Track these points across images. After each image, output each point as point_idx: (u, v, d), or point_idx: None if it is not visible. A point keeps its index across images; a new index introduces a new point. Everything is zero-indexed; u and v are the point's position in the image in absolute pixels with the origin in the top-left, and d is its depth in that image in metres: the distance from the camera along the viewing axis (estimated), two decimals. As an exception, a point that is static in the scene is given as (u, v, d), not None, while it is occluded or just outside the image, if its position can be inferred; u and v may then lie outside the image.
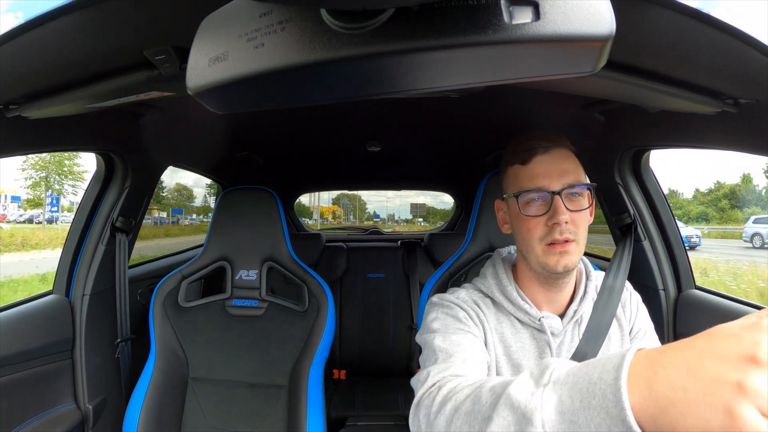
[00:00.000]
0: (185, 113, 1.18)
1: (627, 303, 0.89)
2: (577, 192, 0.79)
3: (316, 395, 1.25)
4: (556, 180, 0.78)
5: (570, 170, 0.79)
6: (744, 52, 0.53)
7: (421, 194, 12.16)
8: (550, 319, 0.82)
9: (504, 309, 0.85)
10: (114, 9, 0.53)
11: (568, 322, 0.83)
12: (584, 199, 0.79)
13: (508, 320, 0.85)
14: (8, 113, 0.79)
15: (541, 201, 0.79)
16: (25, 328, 1.13)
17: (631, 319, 0.88)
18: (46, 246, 9.14)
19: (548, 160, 0.80)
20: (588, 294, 0.85)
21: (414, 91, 0.36)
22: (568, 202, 0.78)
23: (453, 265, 1.14)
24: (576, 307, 0.84)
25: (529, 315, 0.82)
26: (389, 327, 2.22)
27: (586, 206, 0.79)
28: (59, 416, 1.18)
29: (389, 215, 21.83)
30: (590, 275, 0.89)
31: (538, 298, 0.85)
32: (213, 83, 0.36)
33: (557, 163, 0.79)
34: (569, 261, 0.77)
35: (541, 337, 0.83)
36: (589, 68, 0.33)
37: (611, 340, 0.85)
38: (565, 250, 0.77)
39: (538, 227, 0.79)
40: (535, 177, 0.80)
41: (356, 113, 1.35)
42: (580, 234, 0.78)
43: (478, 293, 0.88)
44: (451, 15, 0.30)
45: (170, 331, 1.33)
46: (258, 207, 1.40)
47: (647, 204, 1.30)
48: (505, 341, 0.83)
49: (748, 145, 0.86)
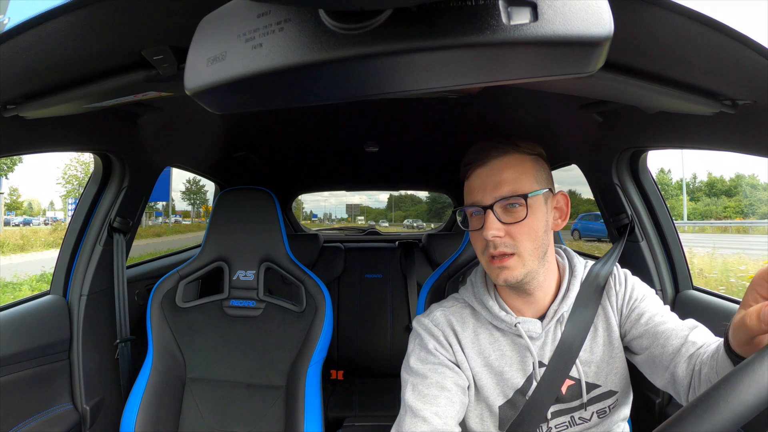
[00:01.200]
0: (183, 113, 1.17)
1: (614, 284, 0.87)
2: (513, 203, 0.77)
3: (314, 396, 1.25)
4: (489, 193, 0.78)
5: (506, 181, 0.78)
6: (742, 53, 0.53)
7: (357, 194, 12.91)
8: (528, 323, 0.82)
9: (482, 318, 0.86)
10: (112, 9, 0.52)
11: (548, 322, 0.83)
12: (522, 210, 0.77)
13: (487, 330, 0.85)
14: (6, 113, 0.79)
15: (477, 215, 0.80)
16: (23, 329, 1.12)
17: (622, 297, 0.85)
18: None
19: (484, 173, 0.80)
20: (571, 291, 0.84)
21: (412, 91, 0.36)
22: (504, 214, 0.77)
23: (451, 265, 1.14)
24: (557, 306, 0.83)
25: (505, 322, 0.82)
26: (387, 327, 2.22)
27: (521, 217, 0.77)
28: (56, 417, 1.18)
29: (326, 214, 22.57)
30: (575, 271, 0.87)
31: (515, 303, 0.85)
32: (211, 83, 0.36)
33: (492, 175, 0.79)
34: (509, 275, 0.77)
35: (521, 342, 0.82)
36: (588, 69, 0.33)
37: (598, 331, 0.84)
38: (503, 265, 0.77)
39: (478, 241, 0.81)
40: (472, 191, 0.81)
41: (354, 114, 1.35)
42: (521, 246, 0.77)
43: (458, 306, 0.89)
44: (449, 15, 0.30)
45: (167, 332, 1.32)
46: (256, 207, 1.40)
47: (644, 204, 1.31)
48: (483, 353, 0.83)
49: (745, 146, 0.86)
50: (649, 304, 0.83)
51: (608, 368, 0.83)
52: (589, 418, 0.83)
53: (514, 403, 0.81)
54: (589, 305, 0.84)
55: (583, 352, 0.82)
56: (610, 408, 0.83)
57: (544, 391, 0.80)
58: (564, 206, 0.85)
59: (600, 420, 0.83)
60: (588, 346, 0.83)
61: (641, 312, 0.82)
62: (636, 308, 0.83)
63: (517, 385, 0.81)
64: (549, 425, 0.81)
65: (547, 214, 0.81)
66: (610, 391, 0.83)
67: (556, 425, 0.82)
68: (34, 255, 10.84)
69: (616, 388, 0.83)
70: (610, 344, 0.83)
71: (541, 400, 0.79)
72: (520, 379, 0.82)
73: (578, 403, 0.82)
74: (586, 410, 0.82)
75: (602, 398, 0.83)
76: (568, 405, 0.82)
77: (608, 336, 0.84)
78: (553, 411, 0.81)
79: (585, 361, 0.82)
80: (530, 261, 0.78)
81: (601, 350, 0.83)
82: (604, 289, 0.86)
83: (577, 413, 0.82)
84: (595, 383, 0.83)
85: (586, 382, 0.82)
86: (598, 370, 0.83)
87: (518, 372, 0.82)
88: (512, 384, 0.81)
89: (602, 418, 0.83)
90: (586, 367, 0.82)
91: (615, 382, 0.83)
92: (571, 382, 0.82)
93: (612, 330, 0.84)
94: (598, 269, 0.89)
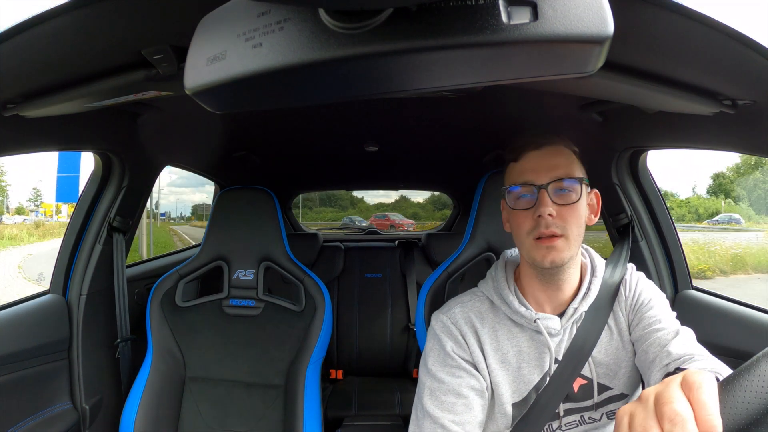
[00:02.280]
0: (183, 113, 1.17)
1: (624, 290, 0.88)
2: (566, 187, 0.79)
3: (313, 395, 1.25)
4: (544, 174, 0.79)
5: (560, 165, 0.80)
6: (742, 53, 0.53)
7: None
8: (547, 320, 0.82)
9: (501, 313, 0.86)
10: (112, 8, 0.53)
11: (567, 320, 0.83)
12: (574, 194, 0.79)
13: (505, 325, 0.85)
14: (6, 112, 0.79)
15: (529, 195, 0.80)
16: (22, 328, 1.12)
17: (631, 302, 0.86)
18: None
19: (538, 155, 0.81)
20: (591, 291, 0.84)
21: (412, 91, 0.36)
22: (556, 196, 0.78)
23: (451, 265, 1.14)
24: (577, 305, 0.83)
25: (524, 318, 0.82)
26: (386, 327, 2.22)
27: (574, 200, 0.78)
28: (55, 416, 1.18)
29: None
30: (596, 271, 0.87)
31: (538, 296, 0.85)
32: (211, 83, 0.36)
33: (547, 159, 0.81)
34: (556, 256, 0.77)
35: (539, 339, 0.83)
36: (588, 69, 0.33)
37: (612, 334, 0.85)
38: (552, 245, 0.77)
39: (526, 221, 0.80)
40: (524, 172, 0.81)
41: (354, 113, 1.35)
42: (570, 229, 0.78)
43: (477, 301, 0.89)
44: (449, 15, 0.30)
45: (167, 331, 1.32)
46: (255, 207, 1.40)
47: (644, 204, 1.31)
48: (501, 349, 0.83)
49: (745, 145, 0.86)
50: (650, 309, 0.83)
51: (620, 371, 0.83)
52: (599, 418, 0.83)
53: (528, 400, 0.82)
54: (603, 306, 0.85)
55: (597, 352, 0.82)
56: None
57: (555, 387, 0.80)
58: (596, 204, 0.87)
59: (609, 421, 0.83)
60: (602, 348, 0.83)
61: (641, 317, 0.82)
62: (639, 312, 0.84)
63: (533, 382, 0.82)
64: (561, 423, 0.82)
65: (586, 206, 0.83)
66: (622, 393, 0.83)
67: (566, 423, 0.82)
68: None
69: (627, 391, 0.83)
70: (623, 347, 0.84)
71: (551, 396, 0.80)
72: (536, 376, 0.82)
73: (590, 403, 0.82)
74: (596, 411, 0.83)
75: (613, 400, 0.83)
76: (579, 404, 0.82)
77: (621, 339, 0.84)
78: (566, 409, 0.82)
79: (598, 362, 0.83)
80: (575, 245, 0.79)
81: (615, 353, 0.83)
82: (618, 290, 0.87)
83: (587, 413, 0.83)
84: (607, 385, 0.83)
85: (598, 383, 0.82)
86: (611, 372, 0.83)
87: (535, 369, 0.82)
88: (528, 380, 0.82)
89: (612, 419, 0.83)
90: (599, 368, 0.83)
91: (627, 384, 0.83)
92: (583, 382, 0.82)
93: (623, 333, 0.84)
94: (611, 271, 0.90)
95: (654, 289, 0.88)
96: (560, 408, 0.81)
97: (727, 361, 0.70)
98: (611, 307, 0.85)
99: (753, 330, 1.04)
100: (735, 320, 1.09)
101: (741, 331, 1.06)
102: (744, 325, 1.07)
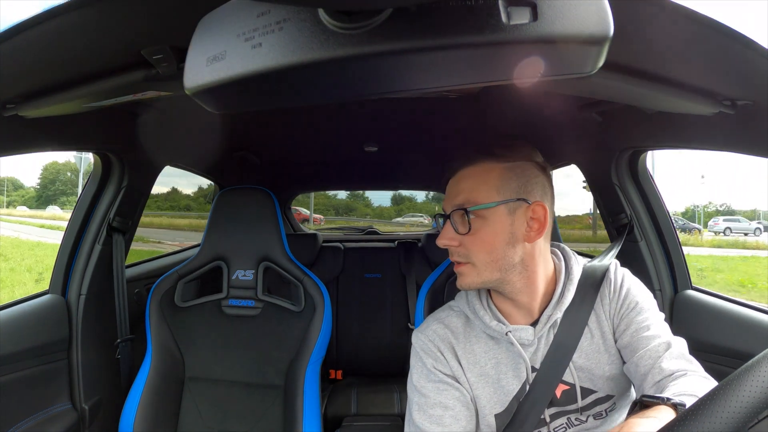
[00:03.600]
0: (183, 113, 1.17)
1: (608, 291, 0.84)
2: (471, 213, 0.77)
3: (313, 395, 1.24)
4: (449, 202, 0.81)
5: (462, 191, 0.79)
6: (742, 53, 0.53)
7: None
8: (519, 331, 0.81)
9: (476, 326, 0.86)
10: (112, 8, 0.52)
11: (542, 328, 0.81)
12: (479, 219, 0.77)
13: (481, 339, 0.85)
14: (5, 112, 0.78)
15: (442, 223, 0.83)
16: (21, 328, 1.12)
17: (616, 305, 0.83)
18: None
19: (452, 182, 0.83)
20: (566, 296, 0.82)
21: (411, 91, 0.36)
22: (460, 224, 0.79)
23: (450, 265, 1.14)
24: (550, 312, 0.81)
25: (496, 331, 0.82)
26: (386, 327, 2.22)
27: (477, 227, 0.77)
28: (55, 416, 1.18)
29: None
30: (571, 273, 0.84)
31: (508, 309, 0.85)
32: (210, 83, 0.36)
33: (453, 185, 0.82)
34: (462, 282, 0.80)
35: (514, 350, 0.82)
36: (587, 69, 0.33)
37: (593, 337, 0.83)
38: (459, 271, 0.81)
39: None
40: (444, 200, 0.84)
41: (353, 113, 1.35)
42: (474, 257, 0.78)
43: (453, 316, 0.89)
44: (448, 15, 0.30)
45: (166, 331, 1.32)
46: (255, 207, 1.40)
47: (644, 204, 1.31)
48: (479, 363, 0.83)
49: (744, 146, 0.86)
50: (639, 314, 0.81)
51: (604, 374, 0.82)
52: (586, 420, 0.82)
53: (510, 410, 0.81)
54: (583, 306, 0.82)
55: (578, 357, 0.81)
56: (608, 411, 0.82)
57: (536, 395, 0.79)
58: (542, 217, 0.79)
59: (597, 422, 0.83)
60: (583, 352, 0.82)
61: (629, 322, 0.80)
62: (625, 317, 0.81)
63: (513, 392, 0.81)
64: (549, 428, 0.81)
65: (512, 226, 0.78)
66: (607, 395, 0.82)
67: (554, 428, 0.82)
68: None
69: (612, 392, 0.82)
70: (606, 350, 0.82)
71: (533, 405, 0.79)
72: (516, 385, 0.81)
73: (574, 407, 0.82)
74: (582, 414, 0.82)
75: (599, 402, 0.82)
76: (563, 408, 0.82)
77: (603, 342, 0.82)
78: (551, 414, 0.81)
79: (579, 367, 0.81)
80: (486, 272, 0.78)
81: (596, 356, 0.82)
82: (598, 290, 0.84)
83: (573, 416, 0.82)
84: (591, 389, 0.82)
85: (581, 387, 0.81)
86: (594, 376, 0.82)
87: (514, 379, 0.81)
88: (508, 391, 0.81)
89: (599, 420, 0.83)
90: (581, 373, 0.81)
91: (612, 387, 0.82)
92: (565, 387, 0.81)
93: (606, 336, 0.82)
94: (594, 267, 0.87)
95: (641, 288, 0.86)
96: (545, 414, 0.80)
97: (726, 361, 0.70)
98: (590, 310, 0.83)
99: (753, 330, 1.04)
100: (735, 320, 1.09)
101: (741, 331, 1.06)
102: (744, 325, 1.06)
